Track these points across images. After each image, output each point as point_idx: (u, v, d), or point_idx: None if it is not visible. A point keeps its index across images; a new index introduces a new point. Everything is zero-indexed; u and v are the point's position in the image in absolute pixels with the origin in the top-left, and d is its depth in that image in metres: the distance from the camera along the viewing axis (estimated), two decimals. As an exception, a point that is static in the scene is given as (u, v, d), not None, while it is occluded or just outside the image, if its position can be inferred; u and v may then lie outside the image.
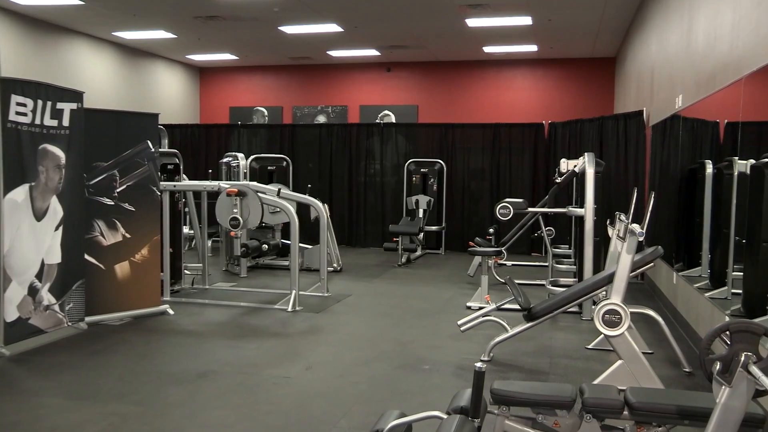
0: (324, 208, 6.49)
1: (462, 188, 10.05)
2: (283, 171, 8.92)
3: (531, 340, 4.66)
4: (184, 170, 6.50)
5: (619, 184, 7.81)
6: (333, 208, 10.20)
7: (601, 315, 3.39)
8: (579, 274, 5.69)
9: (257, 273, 7.73)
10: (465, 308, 5.73)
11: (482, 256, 5.81)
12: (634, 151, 7.64)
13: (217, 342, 4.56)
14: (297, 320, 5.28)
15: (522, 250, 9.52)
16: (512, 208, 5.84)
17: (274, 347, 4.45)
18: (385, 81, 11.77)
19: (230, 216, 5.49)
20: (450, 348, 4.47)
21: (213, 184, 5.93)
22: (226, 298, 6.12)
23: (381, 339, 4.72)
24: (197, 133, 10.90)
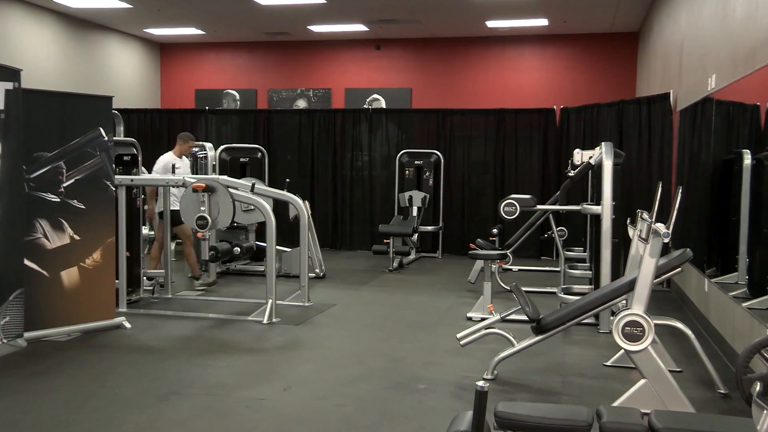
0: (305, 206, 6.46)
1: (462, 183, 10.05)
2: (258, 163, 8.88)
3: (540, 355, 4.65)
4: (143, 162, 6.44)
5: (642, 178, 7.84)
6: (315, 205, 10.19)
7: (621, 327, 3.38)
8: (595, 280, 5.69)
9: (228, 280, 7.68)
10: (465, 319, 5.74)
11: (485, 260, 5.81)
12: (658, 139, 7.66)
13: (181, 359, 4.52)
14: (273, 334, 5.26)
15: (530, 253, 9.53)
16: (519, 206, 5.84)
17: (247, 365, 4.42)
18: (374, 61, 11.74)
19: (197, 215, 5.44)
20: (448, 365, 4.46)
21: (177, 179, 5.88)
22: (191, 308, 6.10)
23: (369, 355, 4.71)
24: (158, 119, 10.84)
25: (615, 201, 5.37)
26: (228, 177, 6.42)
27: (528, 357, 4.54)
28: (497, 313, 4.35)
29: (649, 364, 3.37)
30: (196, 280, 6.91)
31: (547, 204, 7.65)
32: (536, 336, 4.01)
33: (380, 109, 10.60)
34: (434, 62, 11.50)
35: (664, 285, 7.11)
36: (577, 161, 6.40)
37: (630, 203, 7.33)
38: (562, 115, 9.65)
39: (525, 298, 4.14)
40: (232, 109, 11.59)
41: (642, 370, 3.39)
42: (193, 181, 5.60)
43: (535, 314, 4.00)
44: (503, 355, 4.13)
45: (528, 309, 4.01)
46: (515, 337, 4.23)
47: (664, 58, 8.03)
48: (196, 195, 5.47)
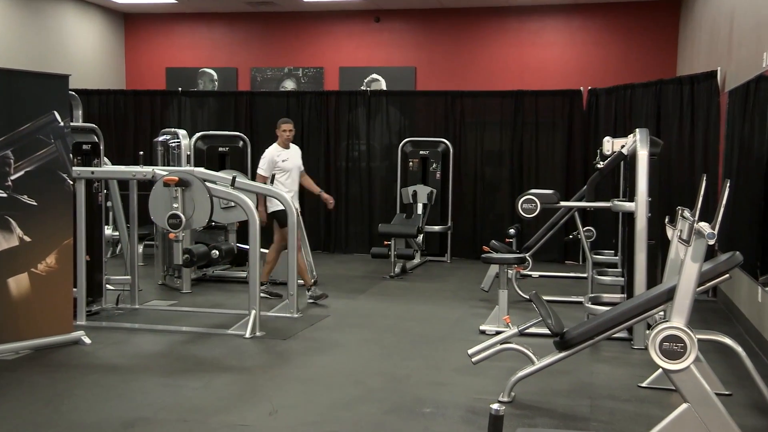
0: (293, 203, 6.44)
1: (474, 176, 10.04)
2: (239, 153, 8.87)
3: (565, 375, 4.64)
4: (105, 151, 6.43)
5: (683, 170, 7.82)
6: (305, 202, 10.15)
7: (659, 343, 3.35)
8: (628, 288, 5.68)
9: (205, 287, 7.66)
10: (477, 333, 5.73)
11: (500, 264, 5.80)
12: (703, 125, 7.63)
13: (150, 380, 4.50)
14: (257, 349, 5.24)
15: (552, 256, 9.52)
16: (539, 203, 5.83)
17: (226, 385, 4.40)
18: (373, 35, 11.72)
19: (169, 213, 5.43)
20: (458, 385, 4.45)
21: (145, 171, 5.86)
22: (162, 321, 6.08)
23: (368, 373, 4.69)
24: (123, 102, 10.82)
25: (651, 197, 5.35)
26: (205, 169, 6.40)
27: (550, 376, 4.52)
28: (514, 326, 4.34)
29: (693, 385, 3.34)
30: (307, 291, 6.77)
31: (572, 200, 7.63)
32: (560, 352, 3.99)
33: (380, 92, 10.58)
34: (442, 37, 11.47)
35: (710, 294, 7.10)
36: (608, 151, 6.37)
37: (669, 199, 7.31)
38: (590, 97, 9.63)
39: (547, 309, 4.12)
40: (209, 91, 11.57)
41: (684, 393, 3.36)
42: (164, 174, 5.57)
43: (558, 327, 3.98)
44: (522, 374, 4.11)
45: (550, 321, 3.99)
46: (535, 353, 4.22)
47: (711, 30, 7.99)
48: (167, 190, 5.45)
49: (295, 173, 6.89)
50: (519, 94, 9.87)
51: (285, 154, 6.88)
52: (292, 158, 6.90)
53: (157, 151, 8.08)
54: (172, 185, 5.43)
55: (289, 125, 6.93)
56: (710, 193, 6.74)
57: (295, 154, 6.96)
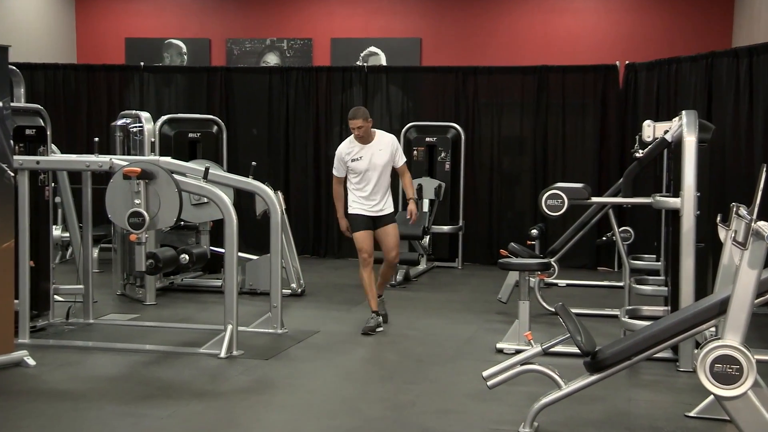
0: (277, 199, 6.44)
1: (490, 167, 10.03)
2: (213, 140, 8.86)
3: (598, 401, 4.63)
4: (53, 137, 6.41)
5: (738, 159, 7.80)
6: (290, 197, 10.16)
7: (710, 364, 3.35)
8: (672, 299, 5.67)
9: (172, 298, 7.64)
10: (494, 352, 5.71)
11: (520, 271, 5.78)
12: (763, 106, 7.61)
13: (106, 408, 4.49)
14: (234, 372, 5.23)
15: (582, 262, 9.51)
16: (567, 198, 5.82)
17: (197, 415, 4.39)
18: (371, 1, 11.70)
19: (130, 210, 5.42)
20: (471, 414, 4.44)
21: (101, 161, 5.85)
22: (121, 338, 6.06)
23: (364, 400, 4.68)
24: (74, 78, 10.80)
25: (700, 191, 5.35)
26: (172, 159, 6.39)
27: (580, 404, 4.51)
28: (537, 344, 4.33)
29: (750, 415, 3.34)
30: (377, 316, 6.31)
31: (606, 195, 7.63)
32: (591, 375, 3.98)
33: (379, 68, 10.57)
34: (452, 3, 11.46)
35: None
36: (648, 137, 6.36)
37: (722, 194, 7.29)
38: (628, 73, 9.62)
39: (575, 324, 4.11)
40: (177, 66, 11.55)
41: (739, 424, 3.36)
42: (123, 164, 5.57)
43: (589, 345, 3.97)
44: (546, 400, 4.11)
45: (579, 338, 3.98)
46: (562, 376, 4.21)
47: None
48: (127, 183, 5.44)
49: (372, 175, 6.29)
50: (543, 70, 9.86)
51: (357, 151, 6.33)
52: (368, 156, 6.29)
53: (116, 138, 8.06)
54: (134, 178, 5.41)
55: (357, 122, 6.23)
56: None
57: (374, 152, 6.31)
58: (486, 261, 9.77)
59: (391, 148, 6.40)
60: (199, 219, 7.61)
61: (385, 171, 6.37)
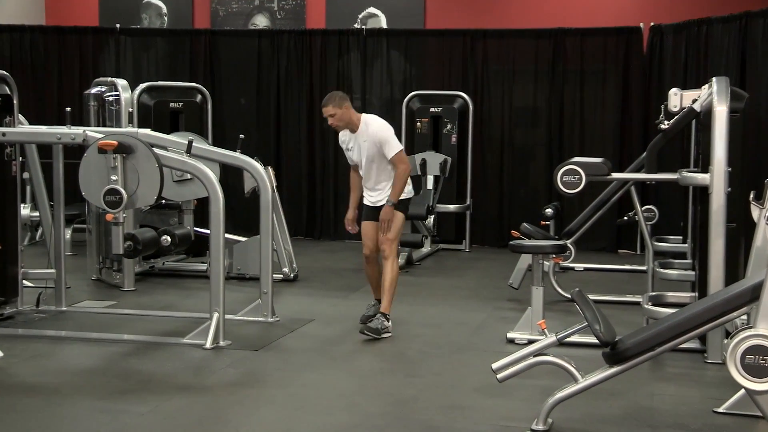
0: (267, 175, 6.42)
1: (500, 140, 10.01)
2: (197, 111, 8.83)
3: (618, 396, 4.64)
4: (20, 107, 6.38)
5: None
6: (282, 174, 10.15)
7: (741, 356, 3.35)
8: (700, 285, 5.67)
9: (153, 284, 7.65)
10: (504, 342, 5.72)
11: (534, 254, 5.78)
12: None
13: (82, 404, 4.49)
14: (221, 364, 5.23)
15: (601, 244, 9.52)
16: (585, 174, 5.81)
17: (181, 410, 4.39)
18: (370, -43, 11.62)
19: (106, 187, 5.40)
20: (480, 409, 4.44)
21: (74, 133, 5.83)
22: (97, 327, 6.05)
23: (363, 394, 4.69)
24: (42, 42, 10.76)
25: (732, 166, 5.33)
26: (152, 131, 6.36)
27: (598, 399, 4.52)
28: (552, 334, 4.33)
29: (781, 409, 3.34)
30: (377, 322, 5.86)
31: (628, 171, 7.60)
32: (611, 367, 3.98)
33: (379, 31, 10.51)
34: (460, -41, 11.38)
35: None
36: (674, 107, 6.33)
37: (755, 169, 7.27)
38: (653, 36, 9.57)
39: (593, 311, 4.11)
40: (157, 29, 11.48)
41: (770, 419, 3.36)
42: (98, 137, 5.55)
43: (608, 335, 3.97)
44: (561, 395, 4.11)
45: (598, 327, 3.98)
46: (579, 368, 4.21)
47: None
48: (103, 158, 5.42)
49: (367, 166, 5.96)
50: (559, 33, 9.82)
51: (349, 140, 6.06)
52: (357, 147, 6.00)
53: (89, 107, 8.02)
54: (110, 152, 5.39)
55: (327, 109, 5.90)
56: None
57: (360, 143, 5.97)
58: (496, 243, 9.77)
59: (374, 138, 5.92)
60: (182, 197, 7.59)
61: (379, 162, 5.94)
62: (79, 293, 7.13)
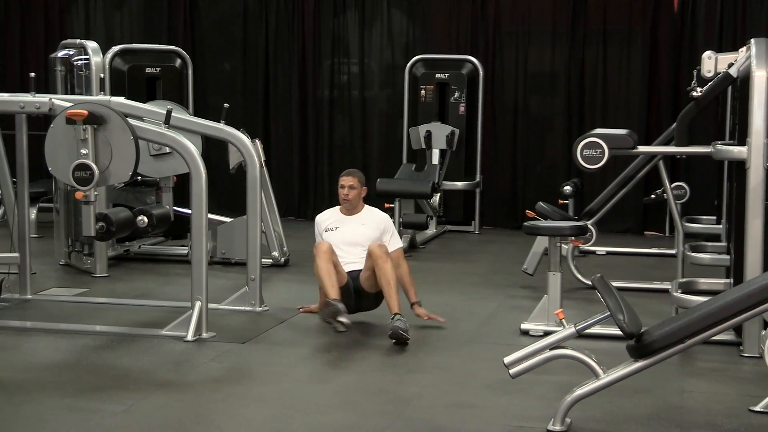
0: (255, 149, 6.41)
1: (514, 110, 10.00)
2: (176, 77, 8.80)
3: (643, 393, 4.65)
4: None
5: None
6: (271, 148, 10.14)
7: (780, 347, 3.35)
8: (736, 270, 5.67)
9: (128, 269, 7.66)
10: (518, 334, 5.74)
11: (550, 236, 5.77)
12: None
13: (49, 402, 4.49)
14: (204, 358, 5.24)
15: (626, 225, 9.54)
16: (607, 148, 5.79)
17: (159, 410, 4.40)
18: None
19: (75, 162, 5.40)
20: (490, 408, 4.45)
21: (39, 101, 5.81)
22: (66, 317, 6.06)
23: (362, 392, 4.69)
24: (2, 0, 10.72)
25: (770, 138, 5.33)
26: (126, 99, 6.34)
27: (622, 396, 4.52)
28: (570, 324, 4.33)
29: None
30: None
31: (656, 144, 7.59)
32: (636, 361, 3.99)
33: (379, -13, 10.47)
34: None
35: None
36: (708, 72, 6.30)
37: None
38: (683, -7, 9.54)
39: (617, 300, 4.11)
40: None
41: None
42: (66, 106, 5.53)
43: (633, 326, 3.97)
44: (581, 392, 4.12)
45: (622, 317, 3.98)
46: (600, 362, 4.22)
47: None
48: (72, 129, 5.41)
49: (346, 254, 5.95)
50: (579, -11, 9.79)
51: (335, 221, 6.13)
52: (346, 228, 6.06)
53: (56, 73, 8.02)
54: (79, 122, 5.38)
55: (349, 179, 6.08)
56: None
57: (356, 225, 6.08)
58: (508, 224, 9.78)
59: (381, 224, 6.09)
60: (159, 173, 7.58)
61: (363, 250, 5.90)
62: (46, 280, 7.13)
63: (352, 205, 6.12)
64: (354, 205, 6.13)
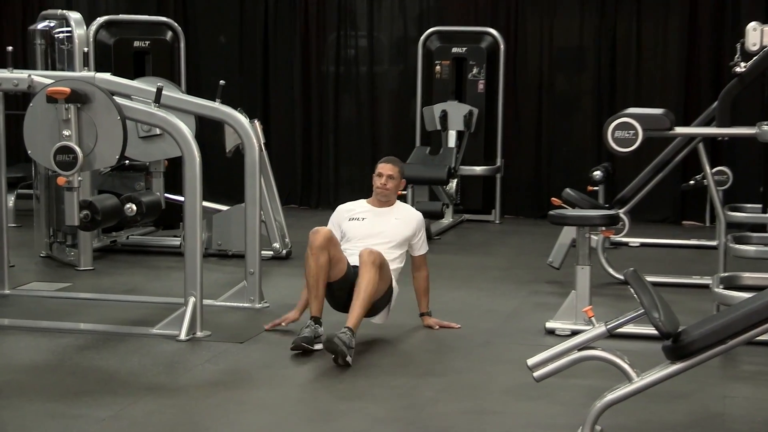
0: (254, 130, 6.42)
1: (538, 87, 10.01)
2: (167, 51, 8.82)
3: (681, 399, 4.66)
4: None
5: None
6: (271, 129, 10.14)
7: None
8: (782, 263, 5.67)
9: (115, 262, 7.69)
10: (543, 333, 5.75)
11: (578, 226, 5.78)
12: None
13: (29, 407, 4.50)
14: (198, 359, 5.26)
15: (662, 214, 9.56)
16: (641, 129, 5.79)
17: (149, 416, 4.41)
18: None
19: (57, 145, 5.41)
20: (512, 414, 4.46)
21: (17, 77, 5.84)
22: (48, 314, 6.08)
23: (370, 397, 4.70)
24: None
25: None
26: (112, 76, 6.35)
27: (658, 402, 4.53)
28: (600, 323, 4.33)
29: None
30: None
31: (695, 125, 7.57)
32: (673, 364, 3.98)
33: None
34: None
35: None
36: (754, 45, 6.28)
37: None
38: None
39: (652, 296, 4.10)
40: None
41: None
42: (47, 83, 5.55)
43: (670, 325, 3.97)
44: (612, 397, 4.10)
45: (657, 315, 3.98)
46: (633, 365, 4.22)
47: None
48: (53, 108, 5.42)
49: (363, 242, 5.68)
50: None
51: (363, 211, 5.91)
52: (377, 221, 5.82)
53: (35, 47, 8.03)
54: (61, 100, 5.39)
55: (387, 167, 5.86)
56: None
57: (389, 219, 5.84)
58: (532, 213, 9.79)
59: (416, 224, 5.91)
60: (149, 157, 7.60)
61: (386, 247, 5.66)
62: (25, 273, 7.15)
63: (388, 197, 5.89)
64: (390, 197, 5.91)
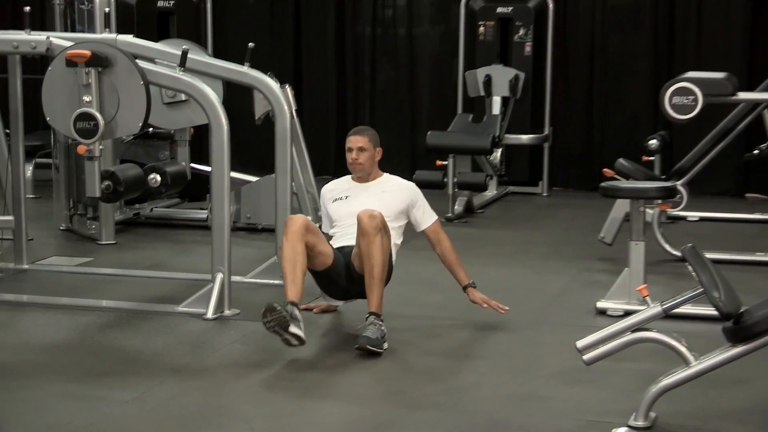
0: (285, 96, 6.42)
1: (590, 50, 9.97)
2: (192, 12, 8.83)
3: (742, 385, 4.63)
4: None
5: None
6: (303, 95, 10.15)
7: None
8: None
9: (138, 235, 7.74)
10: (593, 314, 5.74)
11: (632, 199, 5.74)
12: None
13: (48, 388, 4.53)
14: (226, 339, 5.28)
15: (724, 186, 9.51)
16: (701, 94, 5.75)
17: (174, 398, 4.43)
18: None
19: (77, 111, 5.43)
20: (560, 399, 4.46)
21: (35, 39, 5.85)
22: (68, 291, 6.11)
23: (409, 381, 4.71)
24: None
25: None
26: (135, 38, 6.36)
27: (717, 387, 4.50)
28: (656, 303, 4.31)
29: None
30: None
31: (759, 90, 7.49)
32: (733, 347, 3.97)
33: None
34: None
35: None
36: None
37: None
38: None
39: (712, 274, 4.07)
40: None
41: None
42: (67, 46, 5.56)
43: (731, 305, 3.94)
44: (668, 382, 4.09)
45: (717, 295, 3.95)
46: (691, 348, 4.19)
47: None
48: (73, 72, 5.44)
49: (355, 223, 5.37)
50: None
51: (345, 189, 5.77)
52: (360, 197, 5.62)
53: (54, 7, 8.07)
54: (81, 64, 5.40)
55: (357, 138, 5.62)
56: None
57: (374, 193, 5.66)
58: (582, 185, 9.76)
59: (409, 195, 5.71)
60: (174, 124, 7.62)
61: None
62: (45, 247, 7.21)
63: (364, 171, 5.67)
64: (367, 171, 5.69)
